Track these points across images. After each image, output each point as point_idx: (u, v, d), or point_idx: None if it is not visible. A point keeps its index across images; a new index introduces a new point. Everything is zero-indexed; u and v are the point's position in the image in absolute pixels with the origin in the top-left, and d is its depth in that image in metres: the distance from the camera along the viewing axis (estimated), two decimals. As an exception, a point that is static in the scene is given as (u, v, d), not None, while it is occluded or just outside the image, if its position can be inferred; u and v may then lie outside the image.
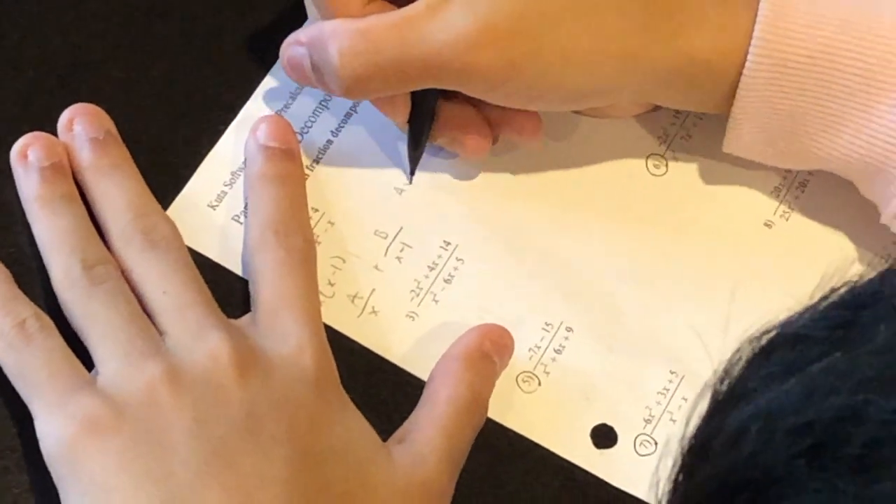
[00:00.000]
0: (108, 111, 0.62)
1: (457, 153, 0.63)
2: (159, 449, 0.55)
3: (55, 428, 0.56)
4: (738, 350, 0.39)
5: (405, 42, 0.59)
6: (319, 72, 0.60)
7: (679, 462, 0.39)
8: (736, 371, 0.39)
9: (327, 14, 0.60)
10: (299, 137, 0.63)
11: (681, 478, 0.38)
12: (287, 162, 0.62)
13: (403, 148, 0.64)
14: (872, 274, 0.39)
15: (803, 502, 0.35)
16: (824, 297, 0.38)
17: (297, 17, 0.63)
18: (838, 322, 0.37)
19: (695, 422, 0.39)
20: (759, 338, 0.38)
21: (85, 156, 0.61)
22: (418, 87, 0.61)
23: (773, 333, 0.38)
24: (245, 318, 0.58)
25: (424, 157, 0.63)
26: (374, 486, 0.57)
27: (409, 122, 0.62)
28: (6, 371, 0.58)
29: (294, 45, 0.61)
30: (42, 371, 0.57)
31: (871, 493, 0.34)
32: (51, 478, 0.55)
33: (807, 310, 0.38)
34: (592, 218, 0.65)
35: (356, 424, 0.58)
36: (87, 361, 0.56)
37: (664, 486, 0.39)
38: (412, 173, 0.63)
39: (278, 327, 0.58)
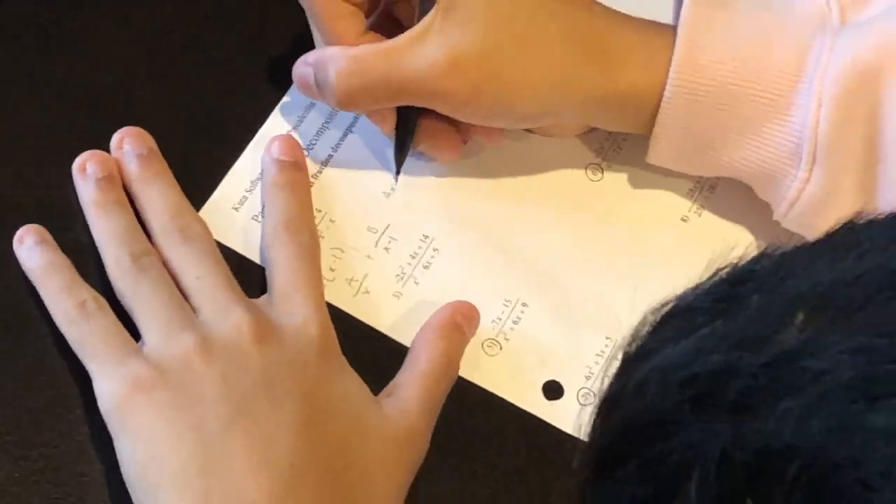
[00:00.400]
0: (149, 131, 0.69)
1: (434, 157, 0.71)
2: (193, 403, 0.62)
3: (109, 387, 0.63)
4: (643, 319, 0.44)
5: (389, 67, 0.66)
6: (320, 87, 0.67)
7: (596, 409, 0.44)
8: (641, 335, 0.44)
9: (329, 43, 0.68)
10: (306, 152, 0.70)
11: (598, 421, 0.44)
12: (295, 172, 0.69)
13: (391, 153, 0.70)
14: (749, 257, 0.44)
15: (689, 438, 0.40)
16: (711, 276, 0.43)
17: (307, 47, 0.70)
18: (721, 295, 0.43)
19: (609, 377, 0.44)
20: (659, 309, 0.44)
21: (132, 168, 0.68)
22: (399, 104, 0.68)
23: (670, 305, 0.44)
24: (263, 298, 0.66)
25: (407, 161, 0.69)
26: (367, 432, 0.64)
27: (395, 131, 0.69)
28: (70, 341, 0.65)
29: (303, 65, 0.68)
30: (98, 342, 0.64)
31: (742, 430, 0.38)
32: (106, 428, 0.62)
33: (697, 286, 0.43)
34: (544, 214, 0.71)
35: (352, 382, 0.65)
36: (135, 334, 0.64)
37: (585, 429, 0.44)
38: (398, 174, 0.70)
39: (290, 305, 0.65)
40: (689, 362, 0.41)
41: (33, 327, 0.66)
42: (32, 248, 0.66)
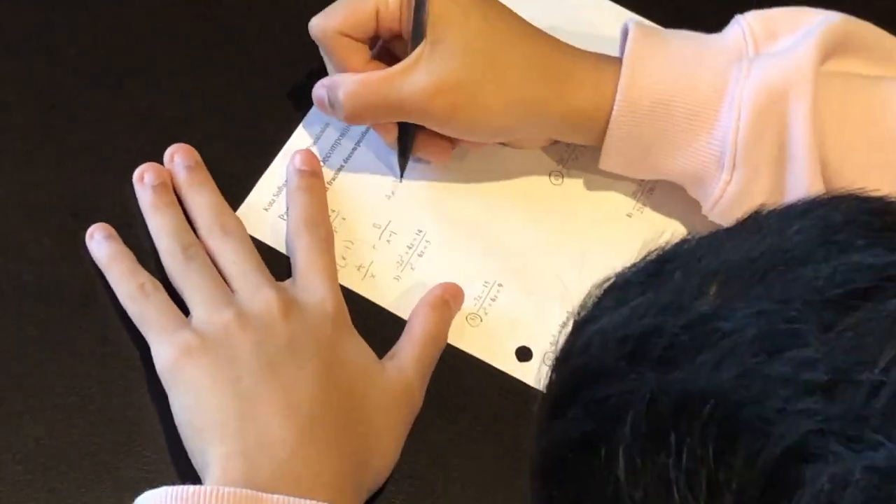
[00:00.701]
0: (195, 147, 0.76)
1: (429, 161, 0.77)
2: (231, 364, 0.68)
3: (163, 352, 0.69)
4: (589, 292, 0.48)
5: (387, 90, 0.72)
6: (333, 106, 0.73)
7: (551, 364, 0.48)
8: (587, 305, 0.48)
9: (339, 71, 0.74)
10: (322, 162, 0.77)
11: (552, 373, 0.48)
12: (313, 179, 0.76)
13: (394, 160, 0.76)
14: (674, 242, 0.48)
15: (625, 386, 0.43)
16: (643, 257, 0.47)
17: (323, 74, 0.76)
18: (651, 272, 0.47)
19: (562, 340, 0.48)
20: (602, 283, 0.48)
21: (181, 177, 0.74)
22: (396, 120, 0.74)
23: (611, 280, 0.48)
24: (288, 281, 0.72)
25: (409, 165, 0.76)
26: (372, 386, 0.70)
27: (398, 141, 0.75)
28: (131, 316, 0.71)
29: (319, 88, 0.74)
30: (154, 316, 0.70)
31: (666, 379, 0.42)
32: (161, 385, 0.69)
33: (633, 265, 0.47)
34: (516, 212, 0.78)
35: (360, 347, 0.71)
36: (184, 310, 0.71)
37: (543, 381, 0.48)
38: (402, 176, 0.76)
39: (309, 286, 0.71)
40: (624, 325, 0.45)
41: (101, 306, 0.73)
42: (101, 242, 0.72)
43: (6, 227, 0.75)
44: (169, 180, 0.74)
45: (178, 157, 0.75)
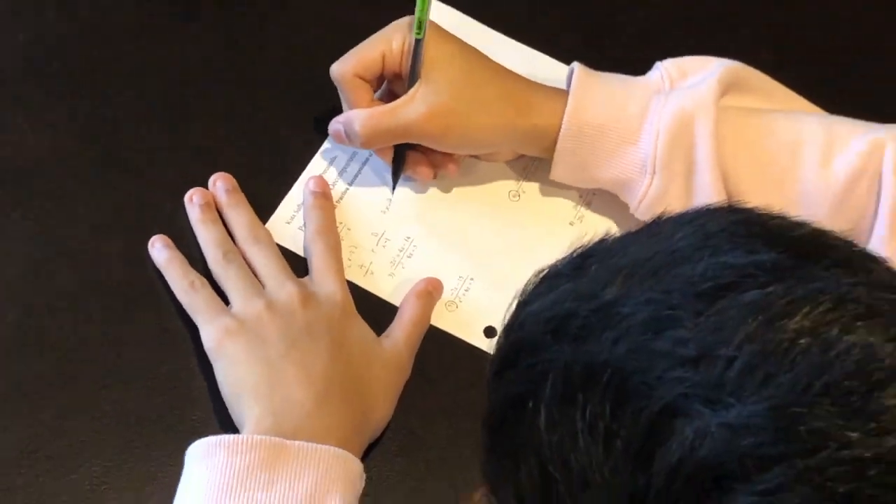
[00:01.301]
0: (233, 175, 0.80)
1: (416, 178, 0.82)
2: (262, 343, 0.72)
3: (209, 333, 0.74)
4: (528, 280, 0.50)
5: (393, 119, 0.77)
6: (349, 136, 0.78)
7: (498, 336, 0.50)
8: (526, 290, 0.50)
9: (353, 107, 0.79)
10: (332, 186, 0.81)
11: (498, 343, 0.50)
12: (324, 200, 0.81)
13: (388, 176, 0.81)
14: (595, 240, 0.50)
15: (548, 356, 0.46)
16: (571, 252, 0.50)
17: (337, 111, 0.80)
18: (575, 265, 0.49)
19: (507, 318, 0.50)
20: (538, 274, 0.50)
21: (222, 198, 0.79)
22: (399, 142, 0.79)
23: (545, 271, 0.50)
24: (306, 278, 0.76)
25: (395, 191, 0.81)
26: (372, 359, 0.75)
27: (392, 161, 0.80)
28: (184, 306, 0.75)
29: (335, 123, 0.79)
30: (202, 305, 0.75)
31: (579, 351, 0.45)
32: (208, 360, 0.74)
33: (562, 258, 0.50)
34: (484, 223, 0.83)
35: (363, 328, 0.76)
36: (226, 302, 0.75)
37: (491, 356, 0.50)
38: (393, 189, 0.81)
39: (323, 282, 0.76)
40: (550, 308, 0.47)
41: (161, 301, 0.78)
42: (160, 249, 0.78)
43: (84, 239, 0.80)
44: (212, 201, 0.79)
45: (220, 182, 0.80)
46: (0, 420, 0.76)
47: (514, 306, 0.50)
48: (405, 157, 0.81)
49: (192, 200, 0.79)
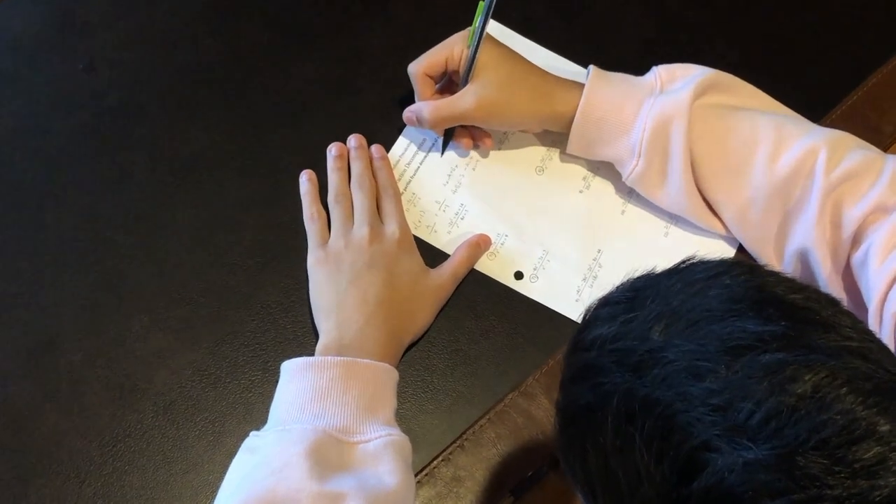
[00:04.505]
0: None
1: (460, 146, 0.96)
2: (338, 272, 0.87)
3: (309, 259, 0.89)
4: (588, 306, 0.56)
5: (451, 108, 0.92)
6: (419, 121, 0.93)
7: (566, 352, 0.55)
8: (589, 311, 0.56)
9: (422, 99, 0.94)
10: (407, 164, 0.96)
11: (567, 359, 0.54)
12: (384, 162, 0.95)
13: (440, 144, 0.96)
14: (642, 273, 0.56)
15: (613, 379, 0.50)
16: (620, 284, 0.55)
17: (410, 101, 0.95)
18: (629, 296, 0.55)
19: (575, 334, 0.54)
20: (599, 299, 0.56)
21: (352, 152, 0.94)
22: (457, 124, 0.93)
23: (604, 297, 0.55)
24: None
25: (448, 167, 0.95)
26: (418, 286, 0.88)
27: (444, 134, 0.96)
28: (307, 233, 0.89)
29: (408, 112, 0.94)
30: (313, 235, 0.90)
31: (635, 383, 0.48)
32: (308, 277, 0.88)
33: (617, 287, 0.56)
34: (516, 193, 0.96)
35: (414, 260, 0.90)
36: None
37: (561, 357, 0.53)
38: (442, 154, 0.96)
39: (388, 223, 0.91)
40: (613, 340, 0.52)
41: (278, 271, 0.93)
42: (304, 182, 0.94)
43: (230, 213, 0.94)
44: (345, 153, 0.96)
45: (352, 139, 0.97)
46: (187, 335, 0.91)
47: (580, 321, 0.56)
48: (453, 131, 0.96)
49: (331, 151, 0.95)
